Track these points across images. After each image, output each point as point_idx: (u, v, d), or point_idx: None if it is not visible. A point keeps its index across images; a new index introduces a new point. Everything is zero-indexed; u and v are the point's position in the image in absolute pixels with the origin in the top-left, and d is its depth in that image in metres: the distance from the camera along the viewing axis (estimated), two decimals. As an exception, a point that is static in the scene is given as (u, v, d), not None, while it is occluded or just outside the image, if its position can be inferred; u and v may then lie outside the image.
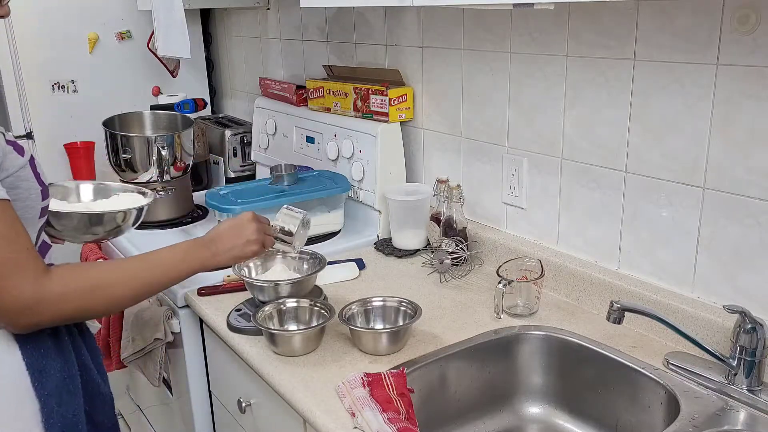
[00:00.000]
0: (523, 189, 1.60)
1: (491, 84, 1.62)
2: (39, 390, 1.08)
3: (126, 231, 1.42)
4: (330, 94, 2.02)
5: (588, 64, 1.39)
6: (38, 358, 1.09)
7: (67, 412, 1.11)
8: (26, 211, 1.08)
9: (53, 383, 1.10)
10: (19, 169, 1.06)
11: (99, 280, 1.10)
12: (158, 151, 1.99)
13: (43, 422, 1.08)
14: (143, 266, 1.17)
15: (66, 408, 1.11)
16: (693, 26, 1.19)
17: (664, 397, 1.16)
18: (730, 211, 1.21)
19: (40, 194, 1.10)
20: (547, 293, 1.50)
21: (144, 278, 1.16)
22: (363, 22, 2.00)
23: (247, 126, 2.47)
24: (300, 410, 1.16)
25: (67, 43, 2.44)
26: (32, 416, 1.08)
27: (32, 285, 1.02)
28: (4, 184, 1.03)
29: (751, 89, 1.14)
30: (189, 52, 2.24)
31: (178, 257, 1.20)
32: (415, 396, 1.16)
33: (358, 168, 1.89)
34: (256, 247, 1.29)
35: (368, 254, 1.79)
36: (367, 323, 1.37)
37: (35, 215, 1.10)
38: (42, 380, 1.08)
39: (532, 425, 1.36)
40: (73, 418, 1.12)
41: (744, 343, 1.10)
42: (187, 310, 1.61)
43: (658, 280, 1.35)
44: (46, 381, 1.09)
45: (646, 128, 1.31)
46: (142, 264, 1.18)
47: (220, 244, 1.25)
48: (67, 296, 1.05)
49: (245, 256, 1.28)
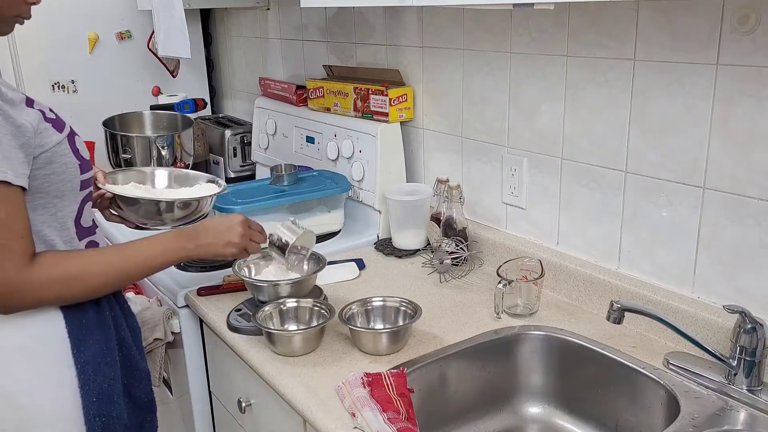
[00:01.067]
0: (523, 189, 1.60)
1: (491, 84, 1.62)
2: (77, 357, 1.15)
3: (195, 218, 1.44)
4: (330, 94, 2.02)
5: (588, 64, 1.39)
6: (80, 328, 1.16)
7: (104, 382, 1.18)
8: (63, 184, 1.14)
9: (91, 353, 1.17)
10: (55, 145, 1.11)
11: (78, 271, 1.14)
12: (158, 151, 1.99)
13: (79, 388, 1.15)
14: (122, 257, 1.21)
15: (103, 378, 1.18)
16: (693, 26, 1.19)
17: (664, 397, 1.16)
18: (730, 211, 1.21)
19: (78, 168, 1.16)
20: (547, 293, 1.50)
21: (122, 268, 1.20)
22: (363, 22, 2.00)
23: (247, 126, 2.47)
24: (300, 410, 1.16)
25: (67, 43, 2.44)
26: (70, 382, 1.15)
27: (16, 270, 1.06)
28: (39, 159, 1.09)
29: (751, 89, 1.14)
30: (189, 52, 2.24)
31: (158, 250, 1.23)
32: (415, 396, 1.16)
33: (358, 168, 1.89)
34: (235, 250, 1.32)
35: (368, 254, 1.79)
36: (367, 323, 1.37)
37: (74, 188, 1.16)
38: (81, 348, 1.16)
39: (532, 425, 1.36)
40: (109, 389, 1.19)
41: (744, 343, 1.10)
42: (187, 310, 1.61)
43: (658, 280, 1.35)
44: (85, 350, 1.16)
45: (646, 128, 1.31)
46: (122, 255, 1.21)
47: (203, 238, 1.29)
48: (47, 284, 1.10)
49: (224, 256, 1.32)
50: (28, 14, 1.19)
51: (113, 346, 1.21)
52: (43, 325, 1.13)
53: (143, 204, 1.38)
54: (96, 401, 1.17)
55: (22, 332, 1.12)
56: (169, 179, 1.54)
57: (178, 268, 1.72)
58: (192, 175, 1.56)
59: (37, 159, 1.09)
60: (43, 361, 1.14)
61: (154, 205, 1.38)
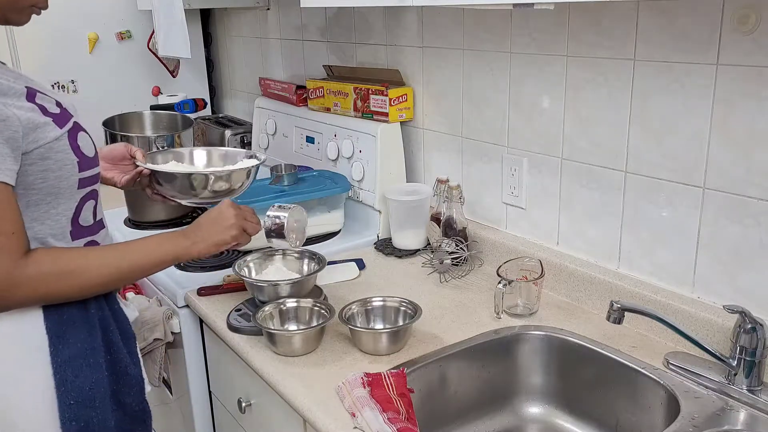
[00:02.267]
0: (523, 189, 1.60)
1: (491, 84, 1.62)
2: (55, 355, 1.09)
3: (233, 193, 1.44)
4: (330, 94, 2.02)
5: (588, 64, 1.39)
6: (59, 323, 1.11)
7: (84, 384, 1.12)
8: (59, 181, 1.10)
9: (71, 352, 1.11)
10: (51, 141, 1.07)
11: (72, 267, 1.10)
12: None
13: (54, 388, 1.09)
14: (116, 255, 1.18)
15: (83, 380, 1.12)
16: (693, 26, 1.19)
17: (664, 397, 1.16)
18: (730, 211, 1.21)
19: (76, 165, 1.12)
20: (547, 293, 1.50)
21: (116, 266, 1.16)
22: (363, 22, 2.00)
23: (247, 126, 2.47)
24: (300, 410, 1.16)
25: (67, 43, 2.44)
26: (44, 380, 1.09)
27: (7, 266, 1.03)
28: (32, 155, 1.05)
29: (751, 89, 1.14)
30: (189, 52, 2.24)
31: (152, 247, 1.21)
32: (415, 396, 1.16)
33: (358, 168, 1.89)
34: (236, 232, 1.28)
35: (368, 254, 1.79)
36: (367, 323, 1.37)
37: (72, 185, 1.12)
38: (59, 346, 1.10)
39: (532, 425, 1.36)
40: (90, 392, 1.12)
41: (744, 343, 1.10)
42: (187, 310, 1.61)
43: (658, 280, 1.35)
44: (64, 348, 1.10)
45: (646, 128, 1.31)
46: (116, 252, 1.18)
47: (199, 232, 1.26)
48: (39, 280, 1.07)
49: (226, 241, 1.28)
50: (45, 3, 1.15)
51: (98, 347, 1.15)
52: (20, 316, 1.09)
53: (179, 178, 1.38)
54: (73, 404, 1.10)
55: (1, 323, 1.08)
56: (208, 158, 1.55)
57: (178, 268, 1.72)
58: (231, 153, 1.56)
59: (29, 154, 1.05)
60: (20, 354, 1.09)
61: (188, 179, 1.38)
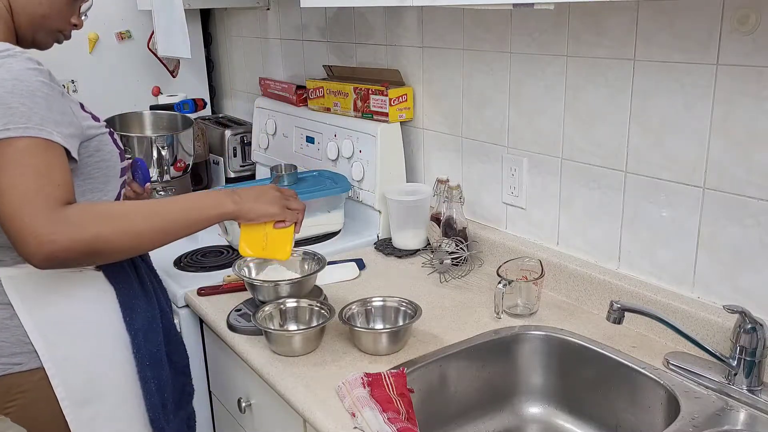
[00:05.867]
0: (523, 189, 1.60)
1: (491, 84, 1.62)
2: (129, 325, 1.22)
3: None
4: (330, 94, 2.02)
5: (588, 64, 1.39)
6: (130, 297, 1.24)
7: (152, 347, 1.26)
8: (109, 170, 1.22)
9: (140, 321, 1.24)
10: (100, 134, 1.20)
11: (118, 211, 1.12)
12: (158, 151, 1.99)
13: (134, 354, 1.23)
14: (162, 203, 1.19)
15: (151, 344, 1.26)
16: (693, 26, 1.19)
17: (664, 397, 1.16)
18: (730, 211, 1.21)
19: (118, 156, 1.25)
20: (547, 293, 1.50)
21: (163, 214, 1.16)
22: (363, 22, 2.00)
23: (247, 126, 2.47)
24: (300, 410, 1.16)
25: (67, 42, 2.41)
26: (125, 348, 1.22)
27: (48, 212, 1.02)
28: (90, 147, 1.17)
29: (751, 89, 1.14)
30: (189, 52, 2.24)
31: (195, 197, 1.24)
32: (415, 396, 1.16)
33: (358, 168, 1.89)
34: (277, 210, 1.29)
35: (368, 254, 1.79)
36: (367, 323, 1.37)
37: (117, 174, 1.25)
38: (132, 317, 1.23)
39: (532, 425, 1.36)
40: (157, 353, 1.27)
41: (744, 343, 1.10)
42: (187, 310, 1.61)
43: (658, 280, 1.35)
44: (136, 318, 1.23)
45: (646, 128, 1.31)
46: (162, 202, 1.20)
47: (244, 197, 1.26)
48: (83, 223, 1.05)
49: (267, 214, 1.28)
50: (69, 34, 1.28)
51: (156, 314, 1.29)
52: (95, 294, 1.20)
53: None
54: (149, 364, 1.24)
55: (77, 303, 1.18)
56: None
57: (177, 268, 1.72)
58: None
59: (88, 145, 1.15)
60: (100, 329, 1.20)
61: None
